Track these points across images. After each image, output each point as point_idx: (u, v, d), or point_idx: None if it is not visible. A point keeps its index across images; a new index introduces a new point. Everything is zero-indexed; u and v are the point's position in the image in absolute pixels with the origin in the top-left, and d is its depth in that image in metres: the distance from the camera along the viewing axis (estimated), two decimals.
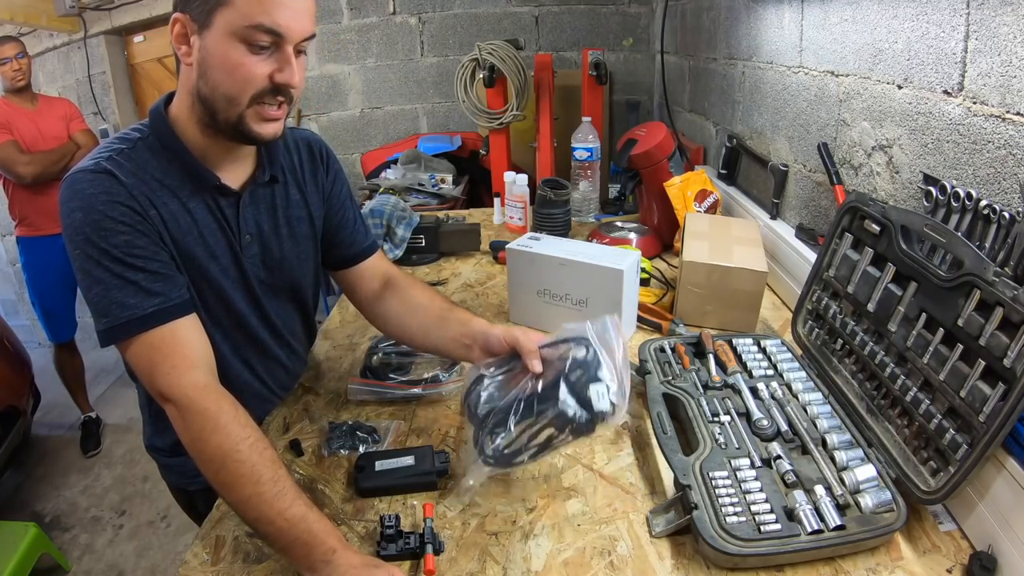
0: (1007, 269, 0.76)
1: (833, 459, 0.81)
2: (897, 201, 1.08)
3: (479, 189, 2.79)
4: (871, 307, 0.92)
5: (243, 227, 0.88)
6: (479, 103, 2.15)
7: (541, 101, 2.14)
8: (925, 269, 0.82)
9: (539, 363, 0.80)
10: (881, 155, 1.12)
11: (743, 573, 0.73)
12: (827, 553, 0.73)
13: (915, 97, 1.01)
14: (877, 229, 0.92)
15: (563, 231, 1.71)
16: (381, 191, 2.33)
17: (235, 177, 0.87)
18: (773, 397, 0.94)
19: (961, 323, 0.75)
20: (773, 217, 1.54)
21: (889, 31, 1.07)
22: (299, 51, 0.77)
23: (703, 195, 1.61)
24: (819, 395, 0.93)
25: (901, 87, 1.05)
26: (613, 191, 2.16)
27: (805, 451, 0.84)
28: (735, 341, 1.08)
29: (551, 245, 1.27)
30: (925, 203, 0.93)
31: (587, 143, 1.91)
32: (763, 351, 1.06)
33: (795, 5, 1.40)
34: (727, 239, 1.32)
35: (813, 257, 1.18)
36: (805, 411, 0.91)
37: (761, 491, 0.77)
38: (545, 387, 0.77)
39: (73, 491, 2.53)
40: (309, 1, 0.76)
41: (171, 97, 0.84)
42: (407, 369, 1.17)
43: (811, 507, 0.74)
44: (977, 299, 0.73)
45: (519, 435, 0.77)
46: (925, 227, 0.83)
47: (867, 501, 0.75)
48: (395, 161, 2.75)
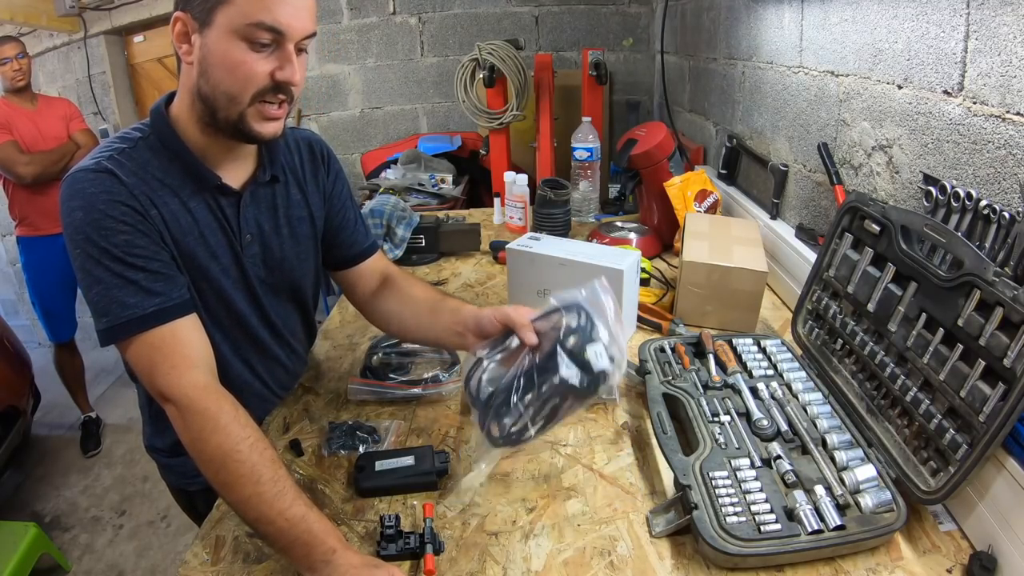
0: (1007, 269, 0.76)
1: (833, 459, 0.81)
2: (897, 201, 1.08)
3: (479, 189, 2.79)
4: (871, 307, 0.92)
5: (244, 227, 0.88)
6: (479, 103, 2.15)
7: (541, 101, 2.14)
8: (925, 269, 0.82)
9: (533, 335, 0.79)
10: (881, 155, 1.12)
11: (743, 573, 0.73)
12: (827, 553, 0.73)
13: (915, 97, 1.01)
14: (877, 229, 0.92)
15: (563, 231, 1.71)
16: (381, 191, 2.33)
17: (236, 177, 0.87)
18: (773, 397, 0.94)
19: (961, 323, 0.75)
20: (773, 217, 1.54)
21: (889, 31, 1.07)
22: (300, 49, 0.77)
23: (703, 195, 1.61)
24: (819, 395, 0.93)
25: (901, 87, 1.05)
26: (613, 191, 2.16)
27: (805, 451, 0.84)
28: (735, 341, 1.08)
29: (551, 245, 1.27)
30: (925, 203, 0.93)
31: (587, 143, 1.91)
32: (763, 351, 1.06)
33: (795, 5, 1.40)
34: (727, 239, 1.32)
35: (813, 257, 1.18)
36: (805, 411, 0.91)
37: (761, 491, 0.77)
38: (543, 358, 0.77)
39: (73, 491, 2.53)
40: None
41: (172, 97, 0.84)
42: (407, 369, 1.17)
43: (811, 507, 0.74)
44: (977, 299, 0.73)
45: (524, 411, 0.76)
46: (925, 227, 0.83)
47: (867, 501, 0.75)
48: (395, 161, 2.75)
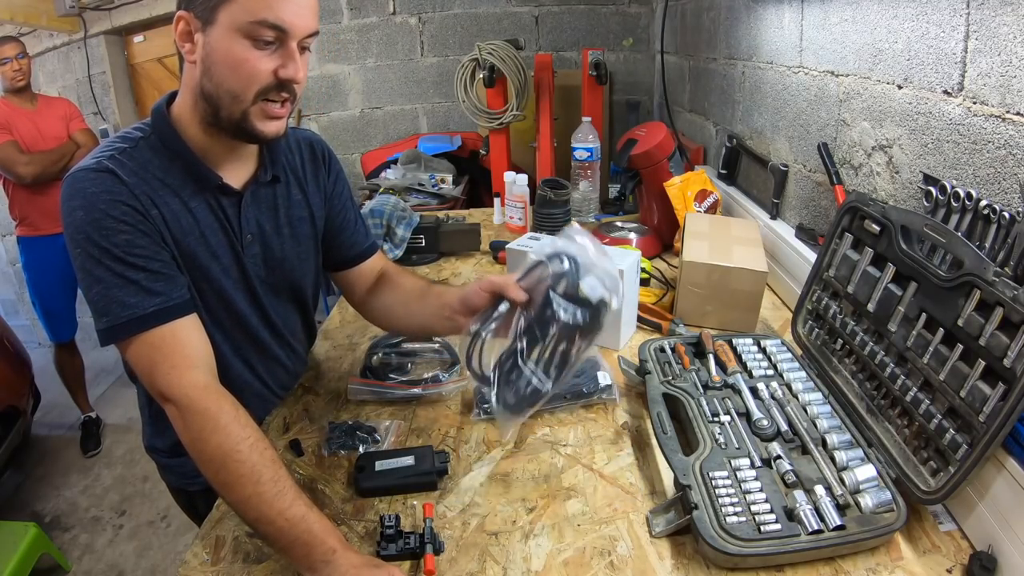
0: (1007, 269, 0.76)
1: (833, 459, 0.81)
2: (897, 201, 1.08)
3: (479, 189, 2.79)
4: (871, 307, 0.92)
5: (244, 227, 0.88)
6: (479, 103, 2.15)
7: (541, 101, 2.14)
8: (925, 269, 0.82)
9: (522, 292, 0.79)
10: (881, 155, 1.12)
11: (743, 573, 0.73)
12: (827, 553, 0.73)
13: (915, 97, 1.01)
14: (877, 229, 0.92)
15: None
16: (381, 191, 2.33)
17: (237, 177, 0.87)
18: (773, 397, 0.94)
19: (961, 323, 0.75)
20: (773, 217, 1.54)
21: (889, 31, 1.07)
22: (303, 48, 0.77)
23: (703, 195, 1.61)
24: (819, 395, 0.93)
25: (901, 87, 1.05)
26: (613, 191, 2.16)
27: (805, 451, 0.84)
28: (735, 341, 1.08)
29: None
30: (925, 203, 0.93)
31: (587, 143, 1.91)
32: (763, 351, 1.06)
33: (795, 5, 1.40)
34: (727, 239, 1.32)
35: (813, 257, 1.18)
36: (805, 411, 0.91)
37: (761, 491, 0.77)
38: (538, 311, 0.77)
39: (73, 491, 2.53)
40: None
41: (173, 96, 0.84)
42: (407, 369, 1.17)
43: (811, 507, 0.74)
44: (977, 299, 0.73)
45: (536, 367, 0.76)
46: (925, 227, 0.83)
47: (867, 501, 0.75)
48: (395, 161, 2.75)
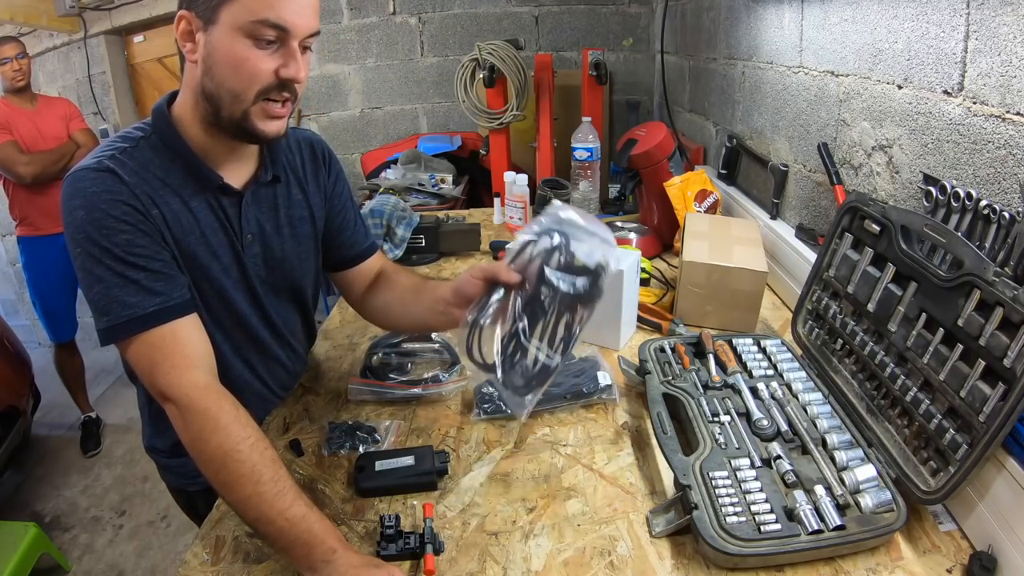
0: (1007, 269, 0.76)
1: (833, 459, 0.81)
2: (897, 201, 1.08)
3: (479, 189, 2.79)
4: (871, 307, 0.92)
5: (245, 227, 0.88)
6: (479, 103, 2.15)
7: (541, 101, 2.14)
8: (925, 269, 0.82)
9: (514, 273, 0.79)
10: (881, 155, 1.12)
11: (743, 573, 0.73)
12: (827, 553, 0.73)
13: (915, 97, 1.01)
14: (877, 229, 0.92)
15: None
16: (381, 191, 2.33)
17: (237, 176, 0.87)
18: (773, 397, 0.94)
19: (961, 323, 0.75)
20: (773, 217, 1.54)
21: (889, 31, 1.07)
22: (304, 47, 0.77)
23: (703, 195, 1.61)
24: (819, 395, 0.93)
25: (901, 87, 1.05)
26: (613, 191, 2.16)
27: (805, 451, 0.84)
28: (735, 341, 1.08)
29: None
30: (925, 203, 0.93)
31: (587, 143, 1.91)
32: (763, 351, 1.06)
33: (795, 5, 1.40)
34: (727, 239, 1.32)
35: (813, 257, 1.18)
36: (805, 411, 0.91)
37: (761, 491, 0.77)
38: (535, 288, 0.76)
39: (73, 491, 2.53)
40: None
41: (174, 96, 0.84)
42: (407, 369, 1.17)
43: (811, 507, 0.74)
44: (977, 299, 0.73)
45: (540, 344, 0.76)
46: (925, 227, 0.83)
47: (867, 501, 0.75)
48: (395, 161, 2.75)
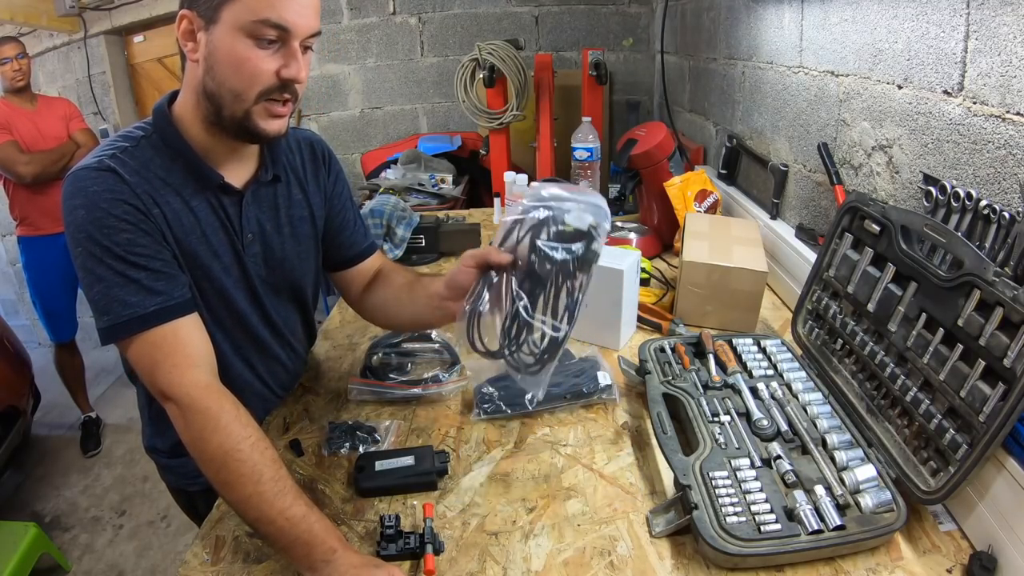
0: (1007, 269, 0.76)
1: (833, 459, 0.81)
2: (897, 201, 1.08)
3: (479, 189, 2.79)
4: (871, 307, 0.92)
5: (245, 226, 0.88)
6: (479, 103, 2.15)
7: (541, 101, 2.14)
8: (925, 269, 0.82)
9: (505, 254, 0.79)
10: (881, 155, 1.12)
11: (743, 573, 0.73)
12: (827, 553, 0.73)
13: (915, 97, 1.01)
14: (877, 229, 0.92)
15: None
16: (381, 191, 2.33)
17: (238, 176, 0.87)
18: (773, 397, 0.94)
19: (961, 323, 0.75)
20: (773, 217, 1.54)
21: (889, 31, 1.07)
22: (305, 47, 0.77)
23: (703, 195, 1.61)
24: (819, 395, 0.93)
25: (901, 87, 1.05)
26: (613, 191, 2.15)
27: (805, 451, 0.84)
28: (735, 341, 1.08)
29: None
30: (925, 203, 0.93)
31: (587, 143, 1.91)
32: (763, 351, 1.06)
33: (795, 5, 1.40)
34: (727, 239, 1.32)
35: (813, 257, 1.18)
36: (805, 411, 0.91)
37: (761, 491, 0.77)
38: (529, 264, 0.76)
39: (73, 491, 2.53)
40: None
41: (175, 96, 0.84)
42: (407, 369, 1.17)
43: (811, 507, 0.74)
44: (977, 299, 0.73)
45: (545, 317, 0.75)
46: (925, 227, 0.83)
47: (867, 501, 0.75)
48: (395, 161, 2.75)
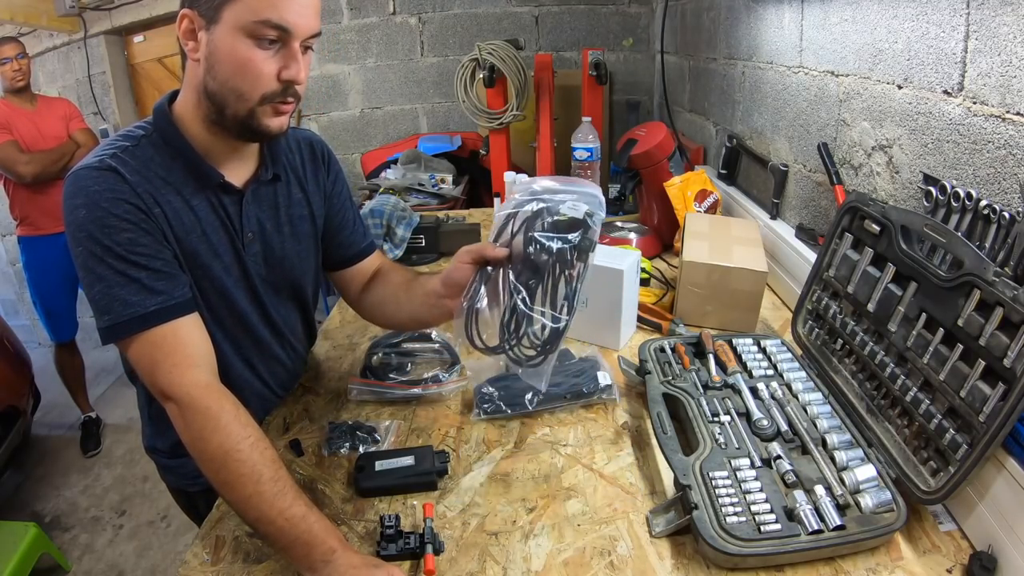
0: (1007, 269, 0.76)
1: (833, 459, 0.81)
2: (897, 201, 1.08)
3: (479, 189, 2.79)
4: (871, 307, 0.92)
5: (246, 225, 0.88)
6: (479, 103, 2.15)
7: (541, 101, 2.14)
8: (925, 269, 0.82)
9: (501, 249, 0.79)
10: (881, 155, 1.12)
11: (743, 573, 0.73)
12: (827, 553, 0.73)
13: (915, 97, 1.01)
14: (877, 229, 0.92)
15: None
16: (381, 191, 2.33)
17: (238, 175, 0.87)
18: (773, 397, 0.94)
19: (961, 323, 0.75)
20: (773, 217, 1.54)
21: (889, 31, 1.07)
22: (305, 48, 0.78)
23: (703, 195, 1.61)
24: (819, 395, 0.93)
25: (901, 87, 1.05)
26: (613, 191, 2.15)
27: (805, 451, 0.84)
28: (735, 341, 1.08)
29: None
30: (925, 203, 0.93)
31: (587, 143, 1.91)
32: (763, 351, 1.06)
33: (795, 5, 1.40)
34: (727, 239, 1.32)
35: (813, 257, 1.18)
36: (805, 411, 0.91)
37: (761, 491, 0.77)
38: (525, 257, 0.76)
39: (73, 491, 2.53)
40: None
41: (175, 95, 0.84)
42: (407, 369, 1.17)
43: (811, 507, 0.74)
44: (977, 299, 0.73)
45: (544, 307, 0.75)
46: (925, 227, 0.83)
47: (867, 501, 0.75)
48: (395, 161, 2.75)
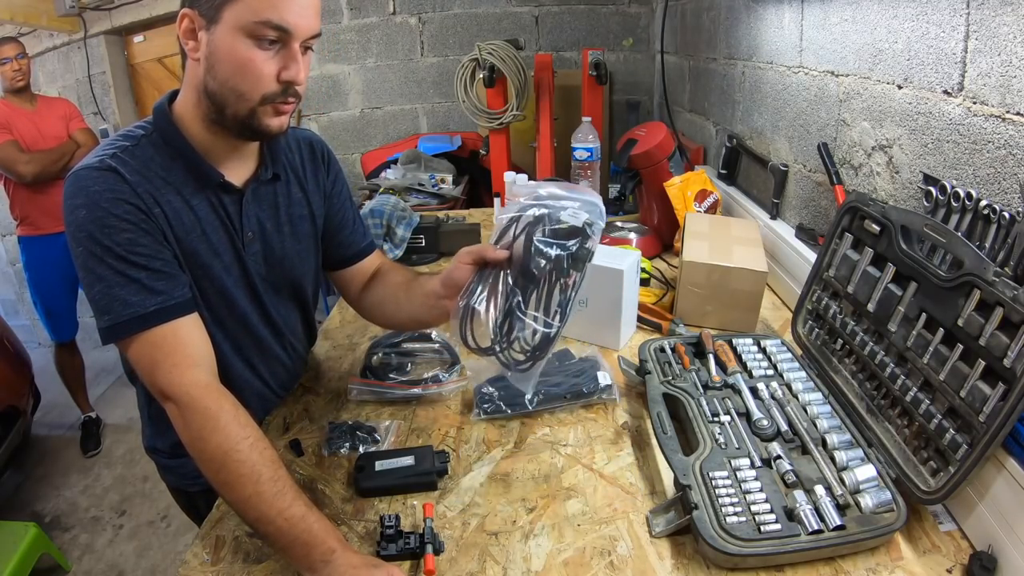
0: (1007, 269, 0.76)
1: (833, 459, 0.81)
2: (897, 201, 1.08)
3: (479, 189, 2.79)
4: (871, 307, 0.92)
5: (246, 224, 0.88)
6: (479, 103, 2.15)
7: (541, 101, 2.14)
8: (925, 269, 0.82)
9: (501, 251, 0.79)
10: (881, 155, 1.12)
11: (743, 573, 0.73)
12: (827, 553, 0.73)
13: (915, 97, 1.01)
14: (877, 229, 0.92)
15: None
16: (381, 191, 2.33)
17: (238, 174, 0.87)
18: (773, 397, 0.94)
19: (961, 323, 0.75)
20: (773, 217, 1.54)
21: (889, 31, 1.07)
22: (305, 48, 0.78)
23: (703, 195, 1.61)
24: (819, 395, 0.93)
25: (901, 87, 1.05)
26: (613, 191, 2.15)
27: (805, 451, 0.84)
28: (735, 341, 1.08)
29: None
30: (925, 203, 0.93)
31: (587, 143, 1.91)
32: (763, 351, 1.06)
33: (795, 5, 1.40)
34: (727, 239, 1.32)
35: (813, 257, 1.18)
36: (805, 411, 0.90)
37: (761, 491, 0.77)
38: (524, 261, 0.76)
39: (73, 491, 2.53)
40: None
41: (175, 95, 0.84)
42: (407, 369, 1.17)
43: (811, 507, 0.74)
44: (977, 299, 0.73)
45: (537, 313, 0.75)
46: (925, 227, 0.83)
47: (867, 501, 0.75)
48: (395, 161, 2.75)
